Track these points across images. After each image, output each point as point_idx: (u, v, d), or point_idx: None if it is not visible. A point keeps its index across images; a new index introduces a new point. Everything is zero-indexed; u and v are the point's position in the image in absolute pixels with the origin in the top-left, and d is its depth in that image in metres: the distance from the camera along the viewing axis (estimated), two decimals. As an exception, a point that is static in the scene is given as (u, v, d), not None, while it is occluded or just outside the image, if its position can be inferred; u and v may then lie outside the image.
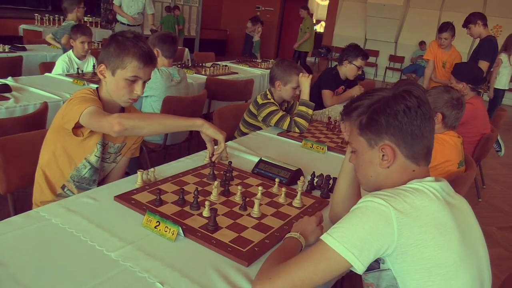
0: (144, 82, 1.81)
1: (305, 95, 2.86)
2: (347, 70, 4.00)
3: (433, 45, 5.23)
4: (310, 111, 2.81)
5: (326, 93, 4.00)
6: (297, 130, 2.76)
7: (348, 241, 1.04)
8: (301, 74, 2.87)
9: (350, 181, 1.49)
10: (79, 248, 1.28)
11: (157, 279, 1.18)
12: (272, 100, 2.85)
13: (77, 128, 1.76)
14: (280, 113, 2.79)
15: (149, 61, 1.77)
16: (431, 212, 1.08)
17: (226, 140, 1.87)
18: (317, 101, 3.44)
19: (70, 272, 1.17)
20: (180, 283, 1.18)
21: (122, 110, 1.93)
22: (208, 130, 1.75)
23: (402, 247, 1.04)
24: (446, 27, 5.04)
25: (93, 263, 1.23)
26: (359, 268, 1.04)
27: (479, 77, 3.54)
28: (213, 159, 1.89)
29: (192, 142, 3.87)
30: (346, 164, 1.49)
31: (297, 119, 2.77)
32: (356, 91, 4.06)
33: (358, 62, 3.95)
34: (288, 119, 2.77)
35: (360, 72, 4.03)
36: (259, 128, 2.89)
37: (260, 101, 2.86)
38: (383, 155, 1.19)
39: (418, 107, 1.16)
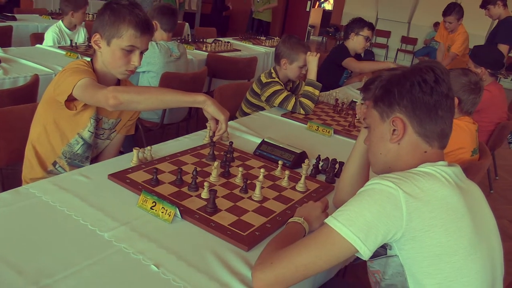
0: (142, 53, 1.80)
1: (312, 75, 2.84)
2: (355, 43, 3.95)
3: (441, 26, 5.15)
4: (316, 92, 2.80)
5: (350, 60, 3.93)
6: (302, 111, 2.75)
7: (354, 224, 1.04)
8: (308, 53, 2.85)
9: (360, 164, 1.50)
10: (70, 227, 1.29)
11: (152, 261, 1.19)
12: (276, 79, 2.83)
13: (70, 101, 1.75)
14: (285, 93, 2.77)
15: (146, 29, 1.75)
16: (442, 196, 1.08)
17: (228, 120, 1.86)
18: (324, 82, 3.41)
19: (61, 252, 1.18)
20: (176, 266, 1.19)
21: (118, 83, 1.92)
22: (210, 108, 1.74)
23: (410, 232, 1.04)
24: (450, 10, 4.86)
25: (85, 243, 1.23)
26: (365, 253, 1.04)
27: (499, 61, 3.48)
28: (214, 139, 1.89)
29: (191, 122, 3.86)
30: (358, 145, 1.50)
31: (302, 100, 2.76)
32: (385, 65, 4.01)
33: (365, 32, 3.90)
34: (293, 100, 2.76)
35: (368, 44, 4.00)
36: (262, 109, 2.88)
37: (264, 79, 2.85)
38: (393, 130, 1.19)
39: (435, 82, 1.15)
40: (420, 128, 1.17)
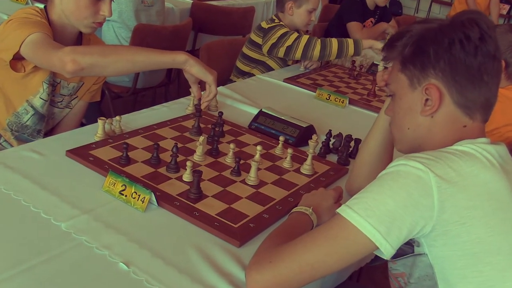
0: (111, 0, 1.79)
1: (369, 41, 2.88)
2: None
3: None
4: (351, 49, 2.76)
5: (353, 26, 3.96)
6: (317, 50, 2.72)
7: (374, 215, 1.04)
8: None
9: (382, 141, 1.51)
10: (18, 216, 1.29)
11: (120, 258, 1.20)
12: (282, 23, 2.82)
13: (17, 59, 1.73)
14: (294, 35, 2.75)
15: None
16: (484, 182, 1.08)
17: (218, 85, 1.87)
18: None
19: (6, 246, 1.18)
20: (150, 265, 1.19)
21: (79, 39, 1.90)
22: (193, 68, 1.74)
23: (443, 225, 1.05)
24: None
25: (37, 235, 1.23)
26: (387, 250, 1.04)
27: None
28: (202, 107, 1.89)
29: (171, 87, 3.85)
30: (380, 118, 1.50)
31: (329, 40, 2.74)
32: (384, 26, 4.02)
33: None
34: (304, 37, 2.72)
35: None
36: (265, 65, 2.88)
37: (265, 25, 2.83)
38: (426, 99, 1.18)
39: (481, 40, 1.14)
40: (460, 97, 1.16)
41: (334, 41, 2.75)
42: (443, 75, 1.16)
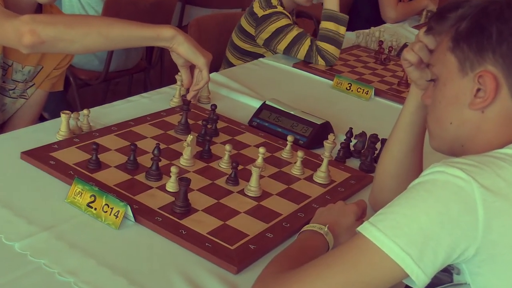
0: None
1: (332, 1, 2.81)
2: None
3: None
4: (341, 30, 2.78)
5: (386, 0, 3.95)
6: (321, 61, 2.75)
7: (403, 234, 1.04)
8: None
9: (410, 140, 1.50)
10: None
11: (89, 286, 1.19)
12: (280, 9, 2.80)
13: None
14: (295, 31, 2.76)
15: None
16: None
17: (210, 71, 1.87)
18: (366, 14, 3.41)
19: None
20: (126, 295, 1.19)
21: (39, 10, 1.91)
22: (182, 47, 1.73)
23: (490, 248, 1.04)
24: None
25: (-16, 257, 1.23)
26: (420, 279, 1.04)
27: None
28: (188, 97, 1.88)
29: (151, 72, 3.84)
30: (405, 112, 1.50)
31: (321, 44, 2.75)
32: (425, 2, 4.02)
33: None
34: (307, 42, 2.75)
35: None
36: (259, 57, 2.87)
37: (259, 11, 2.81)
38: (478, 89, 1.18)
39: None
40: None
41: (325, 45, 2.73)
42: (504, 62, 1.15)
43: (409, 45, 1.44)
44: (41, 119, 2.10)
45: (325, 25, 2.77)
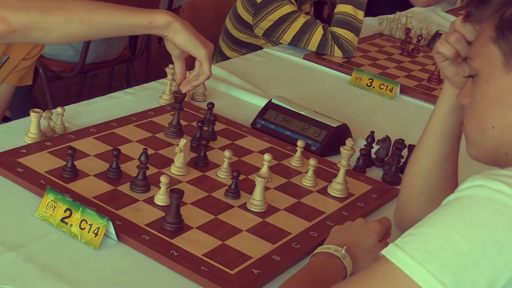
0: None
1: None
2: None
3: None
4: (359, 14, 2.79)
5: None
6: (337, 52, 2.75)
7: (436, 260, 1.02)
8: None
9: (443, 147, 1.50)
10: None
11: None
12: None
13: None
14: (301, 18, 2.77)
15: None
16: None
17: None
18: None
19: None
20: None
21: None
22: (178, 36, 1.71)
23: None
24: None
25: None
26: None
27: None
28: (182, 90, 1.84)
29: (136, 64, 3.85)
30: (440, 111, 1.49)
31: (336, 30, 2.76)
32: None
33: None
34: (319, 30, 2.75)
35: None
36: (257, 48, 2.88)
37: None
38: None
39: None
40: None
41: (343, 31, 2.74)
42: None
43: (443, 35, 1.43)
44: (5, 118, 2.10)
45: (342, 8, 2.80)
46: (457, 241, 1.03)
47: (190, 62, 1.82)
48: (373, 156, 1.92)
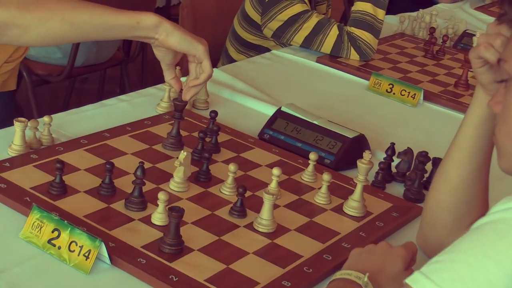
0: None
1: None
2: None
3: None
4: (380, 14, 2.80)
5: None
6: (354, 54, 2.74)
7: None
8: None
9: (473, 161, 1.49)
10: None
11: None
12: None
13: None
14: (314, 18, 2.77)
15: None
16: None
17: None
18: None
19: None
20: None
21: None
22: (171, 38, 1.72)
23: None
24: None
25: None
26: None
27: None
28: (185, 97, 1.83)
29: (130, 68, 3.86)
30: (470, 121, 1.48)
31: (354, 31, 2.76)
32: None
33: None
34: (334, 30, 2.76)
35: None
36: (266, 50, 2.90)
37: None
38: None
39: None
40: None
41: (360, 32, 2.75)
42: None
43: (483, 37, 1.40)
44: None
45: (361, 6, 2.81)
46: (489, 269, 1.03)
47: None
48: (394, 170, 1.92)
